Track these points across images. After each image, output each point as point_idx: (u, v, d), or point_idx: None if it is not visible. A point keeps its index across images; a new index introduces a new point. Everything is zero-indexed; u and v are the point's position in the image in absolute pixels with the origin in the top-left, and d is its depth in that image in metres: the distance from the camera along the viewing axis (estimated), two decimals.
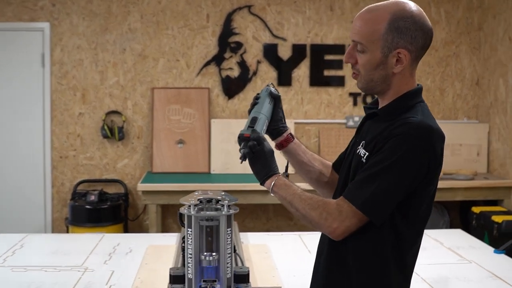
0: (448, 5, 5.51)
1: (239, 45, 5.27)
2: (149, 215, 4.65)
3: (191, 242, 1.93)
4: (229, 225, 1.96)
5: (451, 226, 5.46)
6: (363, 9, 1.72)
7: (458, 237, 3.34)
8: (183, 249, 2.07)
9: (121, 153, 5.25)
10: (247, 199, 4.58)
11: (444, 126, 6.07)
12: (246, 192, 4.53)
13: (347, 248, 1.75)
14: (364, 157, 1.72)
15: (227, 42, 5.26)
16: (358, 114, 5.40)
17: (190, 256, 1.92)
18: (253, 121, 1.87)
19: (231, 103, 5.32)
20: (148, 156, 5.23)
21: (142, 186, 4.60)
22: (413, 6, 1.69)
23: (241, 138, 1.81)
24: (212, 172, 5.11)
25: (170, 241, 3.19)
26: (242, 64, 5.29)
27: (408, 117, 1.67)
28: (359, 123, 1.94)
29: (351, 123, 5.39)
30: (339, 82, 5.41)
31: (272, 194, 1.82)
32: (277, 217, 5.41)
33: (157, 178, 4.86)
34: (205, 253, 1.93)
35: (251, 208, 5.28)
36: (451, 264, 2.83)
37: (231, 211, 1.94)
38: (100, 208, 4.80)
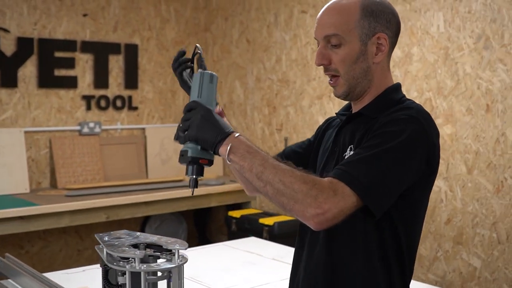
0: (177, 4, 5.33)
1: None
2: None
3: None
4: (181, 276, 1.49)
5: (188, 233, 5.32)
6: (327, 5, 1.59)
7: (265, 246, 3.10)
8: None
9: None
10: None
11: None
12: None
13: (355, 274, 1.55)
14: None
15: None
16: (92, 119, 4.83)
17: None
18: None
19: None
20: None
21: None
22: None
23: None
24: None
25: None
26: None
27: (405, 107, 1.53)
28: (333, 131, 1.71)
29: (85, 129, 4.78)
30: (71, 83, 4.75)
31: (229, 163, 1.44)
32: (32, 242, 4.49)
33: None
34: None
35: (7, 239, 4.22)
36: None
37: (183, 260, 1.48)
38: None
